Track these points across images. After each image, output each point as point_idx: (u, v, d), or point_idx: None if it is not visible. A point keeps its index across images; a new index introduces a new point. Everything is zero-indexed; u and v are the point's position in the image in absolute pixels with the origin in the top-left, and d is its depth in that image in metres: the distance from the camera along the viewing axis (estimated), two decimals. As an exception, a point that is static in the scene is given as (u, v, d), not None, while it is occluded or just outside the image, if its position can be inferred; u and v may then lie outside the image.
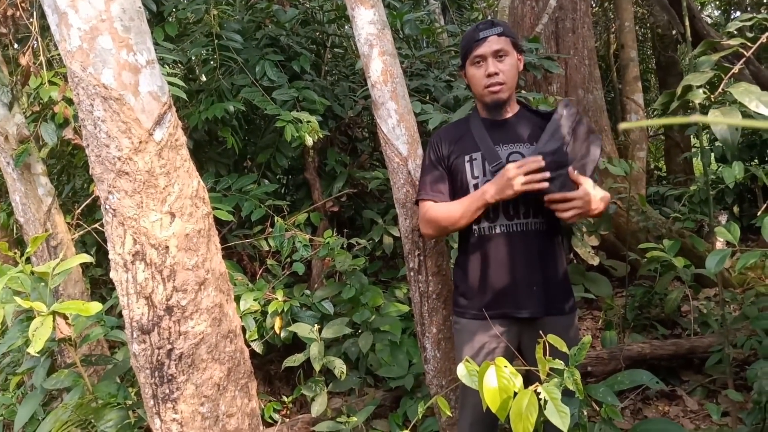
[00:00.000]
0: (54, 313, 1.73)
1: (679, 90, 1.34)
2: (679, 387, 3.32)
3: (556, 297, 2.00)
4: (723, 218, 5.02)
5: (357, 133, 5.03)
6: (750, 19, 1.46)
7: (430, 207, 2.04)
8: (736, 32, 1.47)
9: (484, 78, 1.96)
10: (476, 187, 1.99)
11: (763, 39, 1.37)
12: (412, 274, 2.45)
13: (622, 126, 0.48)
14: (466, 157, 2.01)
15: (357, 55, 2.43)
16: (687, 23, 2.34)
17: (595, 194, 1.85)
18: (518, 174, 1.81)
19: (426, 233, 2.13)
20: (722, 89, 1.33)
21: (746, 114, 1.41)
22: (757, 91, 1.27)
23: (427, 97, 4.27)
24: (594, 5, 9.14)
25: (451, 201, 2.05)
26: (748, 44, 1.39)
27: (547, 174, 1.80)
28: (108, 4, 1.51)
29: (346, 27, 4.78)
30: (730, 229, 1.69)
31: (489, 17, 6.82)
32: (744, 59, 1.47)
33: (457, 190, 2.04)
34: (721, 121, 0.47)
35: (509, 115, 2.05)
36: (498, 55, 1.95)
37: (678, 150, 7.93)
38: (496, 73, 1.94)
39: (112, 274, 1.63)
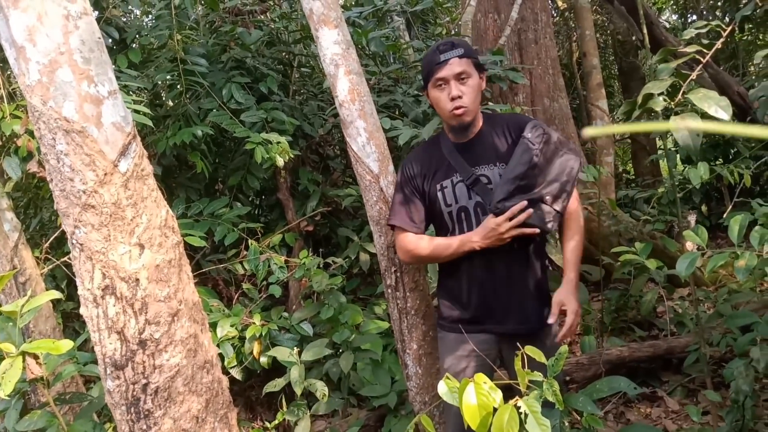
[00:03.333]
0: (24, 354, 1.68)
1: (640, 99, 1.36)
2: (659, 388, 3.35)
3: (536, 312, 2.03)
4: (692, 218, 5.11)
5: (328, 151, 5.03)
6: (705, 26, 1.50)
7: (410, 239, 2.07)
8: (692, 39, 1.51)
9: (447, 101, 1.97)
10: (450, 215, 2.02)
11: (718, 45, 1.41)
12: (389, 290, 2.44)
13: (587, 133, 0.49)
14: (437, 186, 2.04)
15: (324, 73, 2.43)
16: (645, 30, 2.39)
17: (574, 302, 1.96)
18: (508, 227, 1.86)
19: (403, 260, 2.17)
20: (682, 96, 1.36)
21: (706, 117, 1.44)
22: (715, 96, 1.30)
23: (396, 113, 4.29)
24: (555, 15, 9.31)
25: (426, 225, 2.11)
26: (704, 50, 1.42)
27: (531, 211, 1.84)
28: (66, 37, 1.48)
29: (312, 46, 4.79)
30: (698, 233, 1.71)
31: (453, 32, 6.90)
32: (701, 66, 1.51)
33: (434, 217, 2.09)
34: (680, 127, 0.48)
35: (474, 134, 2.06)
36: (460, 77, 1.96)
37: (645, 153, 8.08)
38: (460, 97, 1.95)
39: (82, 310, 1.59)
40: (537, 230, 1.87)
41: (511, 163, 1.91)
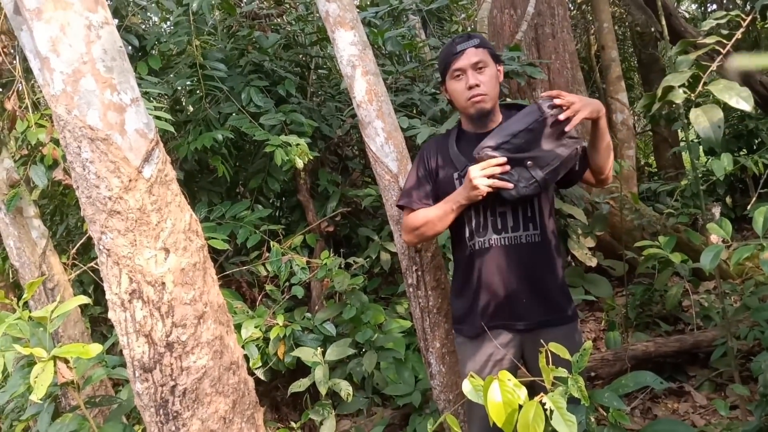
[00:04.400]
0: (54, 358, 1.72)
1: (659, 91, 1.35)
2: (686, 383, 3.31)
3: (553, 306, 2.01)
4: (716, 210, 5.04)
5: (347, 152, 5.04)
6: (724, 17, 1.48)
7: (411, 217, 2.07)
8: (711, 30, 1.49)
9: (465, 91, 1.97)
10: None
11: (738, 35, 1.39)
12: (411, 289, 2.45)
13: (734, 64, 0.48)
14: (455, 175, 2.03)
15: (341, 74, 2.44)
16: (663, 22, 2.37)
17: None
18: (480, 174, 1.83)
19: (407, 240, 2.15)
20: (702, 87, 1.34)
21: (728, 108, 1.43)
22: (736, 87, 1.28)
23: (414, 111, 4.29)
24: (572, 9, 9.23)
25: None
26: (724, 41, 1.41)
27: (507, 167, 1.81)
28: (89, 46, 1.52)
29: (329, 48, 4.81)
30: (722, 225, 1.69)
31: (469, 29, 6.88)
32: (721, 57, 1.49)
33: None
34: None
35: (494, 125, 2.05)
36: (477, 66, 1.96)
37: (666, 145, 7.98)
38: (477, 85, 1.95)
39: (110, 314, 1.62)
40: (509, 185, 1.83)
41: (513, 118, 1.89)
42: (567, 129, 1.80)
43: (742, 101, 1.21)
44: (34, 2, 1.48)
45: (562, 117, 1.79)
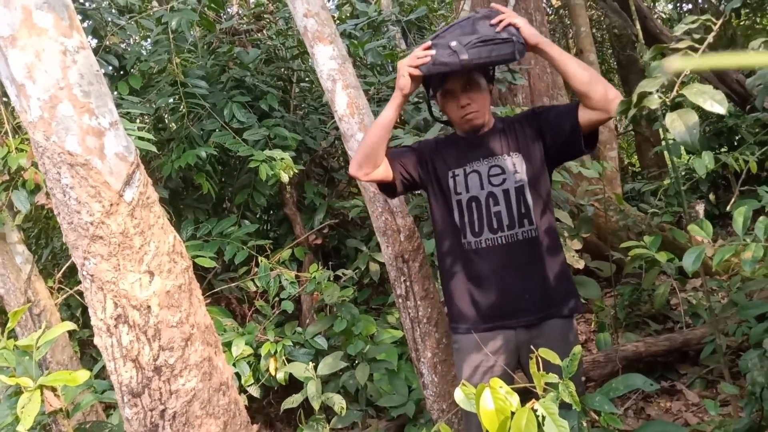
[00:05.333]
0: (41, 387, 1.70)
1: (635, 97, 1.37)
2: (678, 381, 3.33)
3: (552, 300, 2.00)
4: (700, 208, 5.08)
5: (332, 163, 5.04)
6: (695, 21, 1.51)
7: None
8: (684, 34, 1.51)
9: (458, 110, 2.00)
10: (459, 203, 2.03)
11: (709, 39, 1.41)
12: (400, 300, 2.45)
13: (671, 66, 0.48)
14: (450, 172, 2.05)
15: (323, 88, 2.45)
16: (638, 26, 2.39)
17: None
18: (405, 63, 1.88)
19: (354, 173, 2.05)
20: (677, 91, 1.36)
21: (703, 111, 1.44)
22: (710, 90, 1.30)
23: (397, 121, 4.30)
24: (549, 14, 9.32)
25: (430, 207, 2.14)
26: (696, 45, 1.43)
27: (433, 52, 1.83)
28: (65, 72, 1.51)
29: (310, 61, 4.82)
30: (703, 226, 1.71)
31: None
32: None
33: (445, 205, 2.08)
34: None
35: (486, 130, 2.08)
36: (467, 86, 1.99)
37: (649, 144, 8.06)
38: (469, 104, 1.98)
39: (96, 340, 1.61)
40: (426, 60, 1.83)
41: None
42: (498, 30, 1.83)
43: (716, 104, 1.22)
44: (8, 29, 1.47)
45: (493, 22, 1.84)
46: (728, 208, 1.97)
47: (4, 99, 3.10)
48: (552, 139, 1.98)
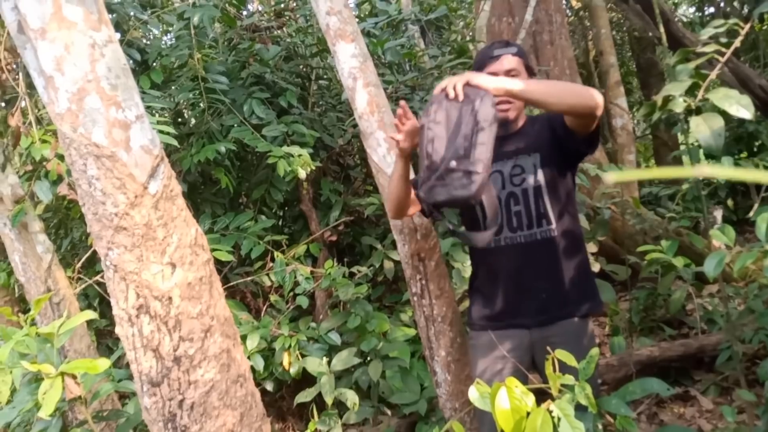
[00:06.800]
0: (62, 374, 1.73)
1: (659, 101, 1.36)
2: (692, 387, 3.30)
3: (569, 300, 2.01)
4: (718, 213, 5.03)
5: (349, 161, 5.06)
6: (722, 25, 1.50)
7: None
8: (710, 38, 1.51)
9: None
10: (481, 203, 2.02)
11: (736, 43, 1.41)
12: (415, 299, 2.45)
13: (611, 179, 0.49)
14: None
15: (342, 85, 2.46)
16: (662, 28, 2.38)
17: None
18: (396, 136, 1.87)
19: (393, 218, 2.21)
20: (702, 95, 1.36)
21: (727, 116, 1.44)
22: (736, 95, 1.29)
23: (415, 120, 4.30)
24: (569, 15, 9.27)
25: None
26: (723, 50, 1.42)
27: (403, 102, 1.83)
28: (93, 65, 1.53)
29: (329, 58, 4.83)
30: (725, 231, 1.70)
31: (468, 37, 6.91)
32: (720, 65, 1.50)
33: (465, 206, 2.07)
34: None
35: (515, 129, 2.08)
36: (510, 74, 1.97)
37: (667, 149, 7.99)
38: None
39: (117, 330, 1.63)
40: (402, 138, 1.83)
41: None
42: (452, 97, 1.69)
43: (743, 109, 1.22)
44: (38, 22, 1.50)
45: (451, 96, 1.69)
46: (750, 214, 1.95)
47: (28, 91, 3.14)
48: (558, 138, 2.00)
